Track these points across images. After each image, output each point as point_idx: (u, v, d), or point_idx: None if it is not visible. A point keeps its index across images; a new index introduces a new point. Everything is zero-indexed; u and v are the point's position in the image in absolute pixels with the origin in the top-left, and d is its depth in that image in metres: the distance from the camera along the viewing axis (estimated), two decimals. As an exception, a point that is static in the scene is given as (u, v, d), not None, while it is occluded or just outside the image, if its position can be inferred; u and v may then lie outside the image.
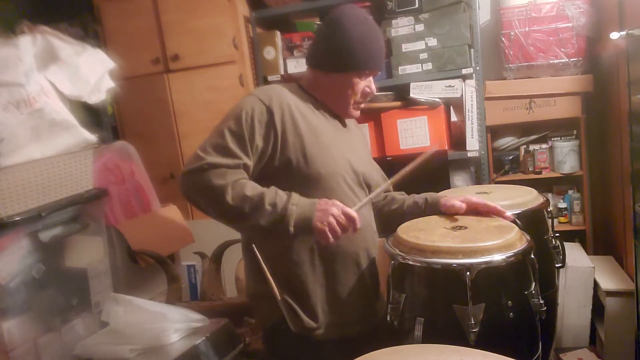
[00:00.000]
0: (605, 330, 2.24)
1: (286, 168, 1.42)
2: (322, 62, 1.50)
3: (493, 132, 2.80)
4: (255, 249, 1.40)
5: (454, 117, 2.77)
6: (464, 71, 2.62)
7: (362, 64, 1.47)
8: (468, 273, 1.20)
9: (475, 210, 1.52)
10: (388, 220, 1.61)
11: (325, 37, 1.49)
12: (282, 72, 2.91)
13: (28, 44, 1.55)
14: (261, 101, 1.41)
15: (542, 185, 2.75)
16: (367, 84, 1.52)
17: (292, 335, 1.42)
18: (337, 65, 1.47)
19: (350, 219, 1.34)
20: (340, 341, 1.44)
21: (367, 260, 1.51)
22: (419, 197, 1.64)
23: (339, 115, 1.58)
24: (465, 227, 1.40)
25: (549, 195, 2.74)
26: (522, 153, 2.80)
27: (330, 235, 1.33)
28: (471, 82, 2.64)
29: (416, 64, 2.68)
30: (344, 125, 1.61)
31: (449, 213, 1.54)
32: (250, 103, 1.41)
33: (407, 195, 1.70)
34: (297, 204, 1.35)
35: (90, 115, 2.29)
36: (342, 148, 1.51)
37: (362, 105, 1.58)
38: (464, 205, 1.51)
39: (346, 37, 1.44)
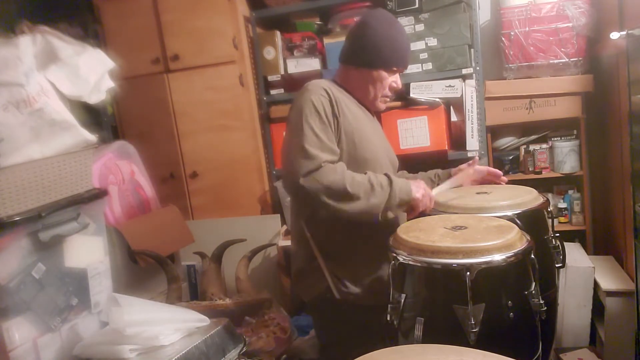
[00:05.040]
0: (605, 330, 2.24)
1: (340, 152, 1.59)
2: (354, 59, 1.68)
3: (493, 132, 2.80)
4: (304, 227, 1.64)
5: (454, 117, 2.77)
6: (464, 71, 2.62)
7: (389, 61, 1.66)
8: (468, 273, 1.20)
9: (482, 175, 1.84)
10: None
11: (357, 36, 1.68)
12: (282, 72, 2.91)
13: (28, 44, 1.55)
14: (326, 95, 1.57)
15: (542, 185, 2.75)
16: (394, 79, 1.71)
17: (335, 302, 1.62)
18: (367, 62, 1.66)
19: (430, 198, 1.61)
20: (375, 307, 1.52)
21: None
22: (431, 174, 1.89)
23: (367, 107, 1.76)
24: (465, 227, 1.40)
25: (549, 195, 2.74)
26: (522, 153, 2.80)
27: (421, 205, 1.57)
28: (471, 82, 2.63)
29: (416, 64, 2.68)
30: (373, 116, 1.81)
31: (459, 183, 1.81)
32: (318, 98, 1.56)
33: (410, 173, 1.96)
34: (396, 180, 1.54)
35: (90, 115, 2.29)
36: (377, 136, 1.74)
37: (388, 99, 1.76)
38: (470, 169, 1.82)
39: (376, 37, 1.63)
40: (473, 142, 2.67)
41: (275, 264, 2.89)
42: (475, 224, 1.42)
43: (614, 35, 1.98)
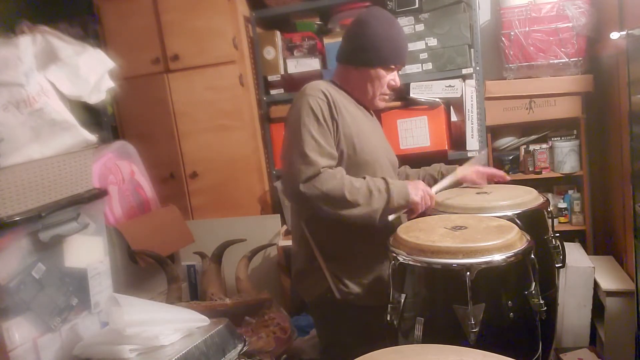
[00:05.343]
0: (605, 330, 2.24)
1: (339, 155, 1.59)
2: (352, 58, 1.68)
3: (493, 132, 2.80)
4: (304, 227, 1.64)
5: (454, 117, 2.77)
6: (464, 71, 2.62)
7: (387, 59, 1.65)
8: (468, 273, 1.20)
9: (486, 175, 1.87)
10: None
11: (354, 36, 1.67)
12: (282, 72, 2.91)
13: (28, 44, 1.55)
14: (324, 98, 1.57)
15: (542, 185, 2.75)
16: (392, 77, 1.71)
17: (336, 302, 1.63)
18: (365, 60, 1.65)
19: (431, 196, 1.61)
20: (375, 307, 1.53)
21: None
22: (433, 170, 1.89)
23: (366, 106, 1.76)
24: (465, 227, 1.40)
25: (549, 195, 2.74)
26: (522, 153, 2.80)
27: (420, 207, 1.56)
28: (471, 82, 2.64)
29: (416, 64, 2.68)
30: (372, 115, 1.81)
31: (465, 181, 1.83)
32: (316, 101, 1.56)
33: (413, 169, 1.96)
34: (394, 184, 1.54)
35: (90, 115, 2.29)
36: (376, 137, 1.73)
37: (387, 97, 1.76)
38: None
39: (373, 35, 1.63)
40: (473, 142, 2.67)
41: (275, 264, 2.89)
42: (475, 224, 1.42)
43: (614, 35, 1.98)
